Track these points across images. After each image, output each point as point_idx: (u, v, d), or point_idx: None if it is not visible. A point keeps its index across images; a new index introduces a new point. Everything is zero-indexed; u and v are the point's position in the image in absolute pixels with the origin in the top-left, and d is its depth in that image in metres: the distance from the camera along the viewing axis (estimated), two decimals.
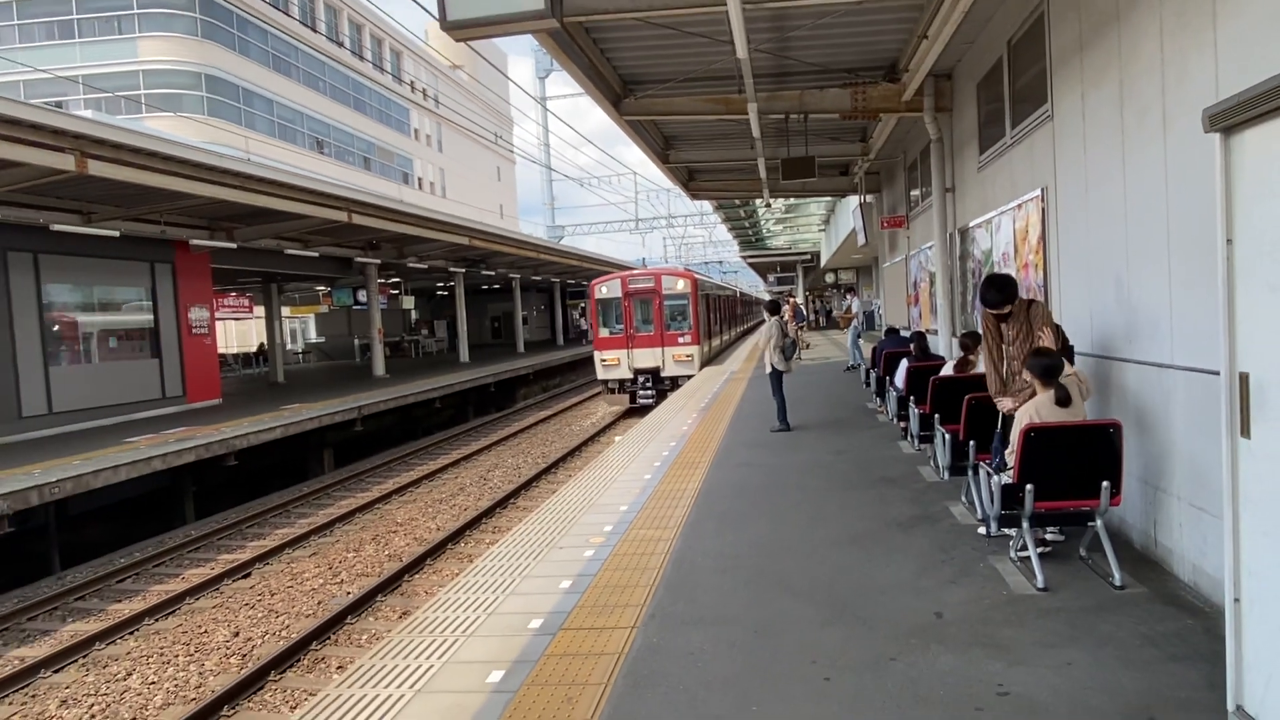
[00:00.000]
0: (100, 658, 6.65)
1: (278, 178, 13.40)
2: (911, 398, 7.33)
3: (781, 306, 10.92)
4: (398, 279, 30.35)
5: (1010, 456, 4.30)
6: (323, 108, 42.73)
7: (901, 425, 8.27)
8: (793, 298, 31.67)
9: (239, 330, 41.54)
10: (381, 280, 25.87)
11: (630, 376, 19.68)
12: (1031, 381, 4.39)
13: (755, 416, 10.68)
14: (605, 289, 20.19)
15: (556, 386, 29.15)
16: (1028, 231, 6.38)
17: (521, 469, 13.92)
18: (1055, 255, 5.80)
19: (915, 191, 12.31)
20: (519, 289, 33.58)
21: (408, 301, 35.47)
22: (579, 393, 25.75)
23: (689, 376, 18.74)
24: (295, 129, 40.53)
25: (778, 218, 28.89)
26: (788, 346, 9.77)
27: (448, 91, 52.30)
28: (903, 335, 11.60)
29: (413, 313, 39.40)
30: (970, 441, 5.20)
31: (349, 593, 7.91)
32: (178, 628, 7.22)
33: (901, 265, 14.06)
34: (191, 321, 15.93)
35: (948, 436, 5.75)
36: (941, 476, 6.40)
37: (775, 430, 9.40)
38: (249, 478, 12.97)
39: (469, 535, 9.86)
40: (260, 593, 8.03)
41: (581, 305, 41.03)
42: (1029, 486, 4.06)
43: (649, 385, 19.53)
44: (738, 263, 51.70)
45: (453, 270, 25.95)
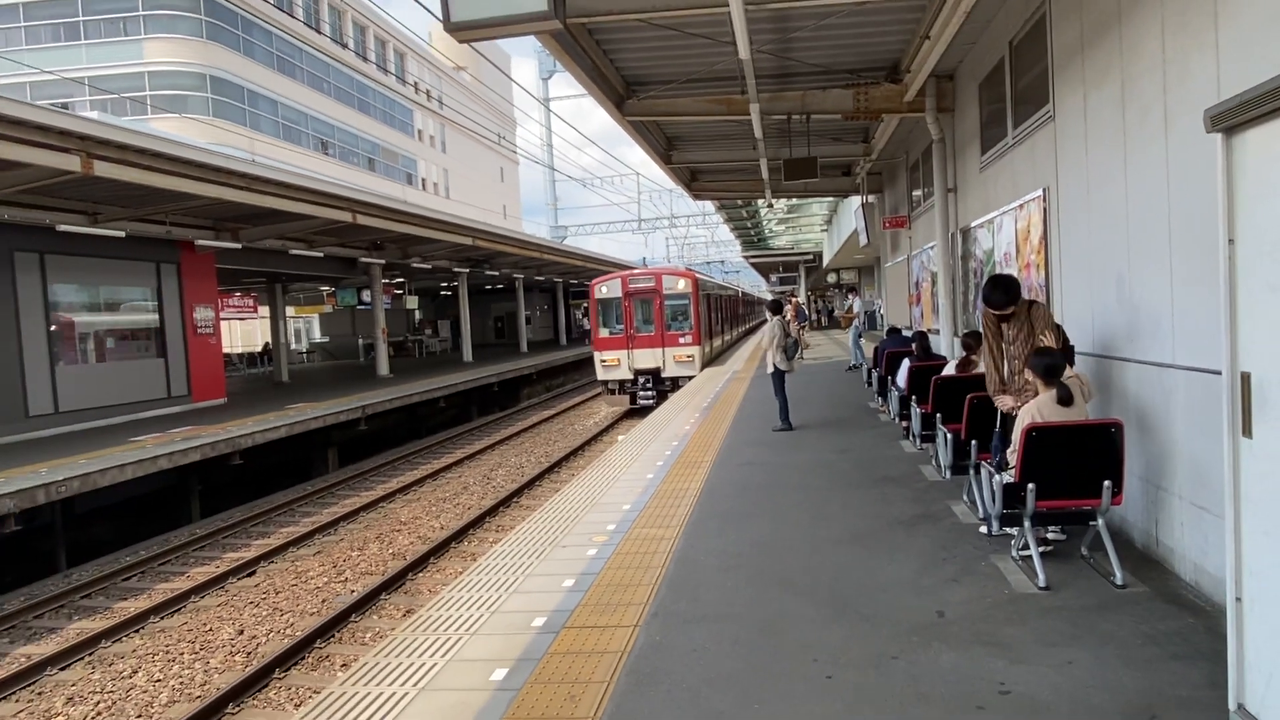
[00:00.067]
0: (106, 655, 6.69)
1: (282, 178, 13.45)
2: (913, 397, 7.34)
3: (784, 306, 10.94)
4: (402, 279, 30.41)
5: (1011, 456, 4.31)
6: (327, 109, 42.85)
7: (903, 424, 8.28)
8: (795, 297, 31.69)
9: (244, 330, 41.68)
10: (386, 280, 25.92)
11: (630, 377, 19.47)
12: (1033, 381, 4.40)
13: (757, 416, 10.69)
14: (605, 289, 19.96)
15: (559, 386, 29.18)
16: (1029, 231, 6.38)
17: (525, 468, 13.94)
18: (1057, 255, 5.80)
19: (917, 192, 12.30)
20: (522, 289, 33.62)
21: (412, 301, 35.51)
22: (582, 392, 25.76)
23: (690, 377, 18.61)
24: (300, 130, 40.66)
25: (780, 218, 28.86)
26: (790, 346, 9.77)
27: (451, 93, 52.40)
28: (905, 335, 11.60)
29: (417, 313, 39.45)
30: (972, 441, 5.21)
31: (353, 591, 7.94)
32: (183, 626, 7.25)
33: (903, 265, 14.06)
34: (197, 321, 16.00)
35: (949, 436, 5.76)
36: (943, 476, 6.42)
37: (777, 430, 9.41)
38: (254, 477, 13.02)
39: (472, 534, 9.89)
40: (265, 591, 8.07)
41: (584, 305, 41.03)
42: (1030, 486, 4.06)
43: (649, 386, 19.33)
44: (740, 263, 51.67)
45: (456, 270, 26.01)
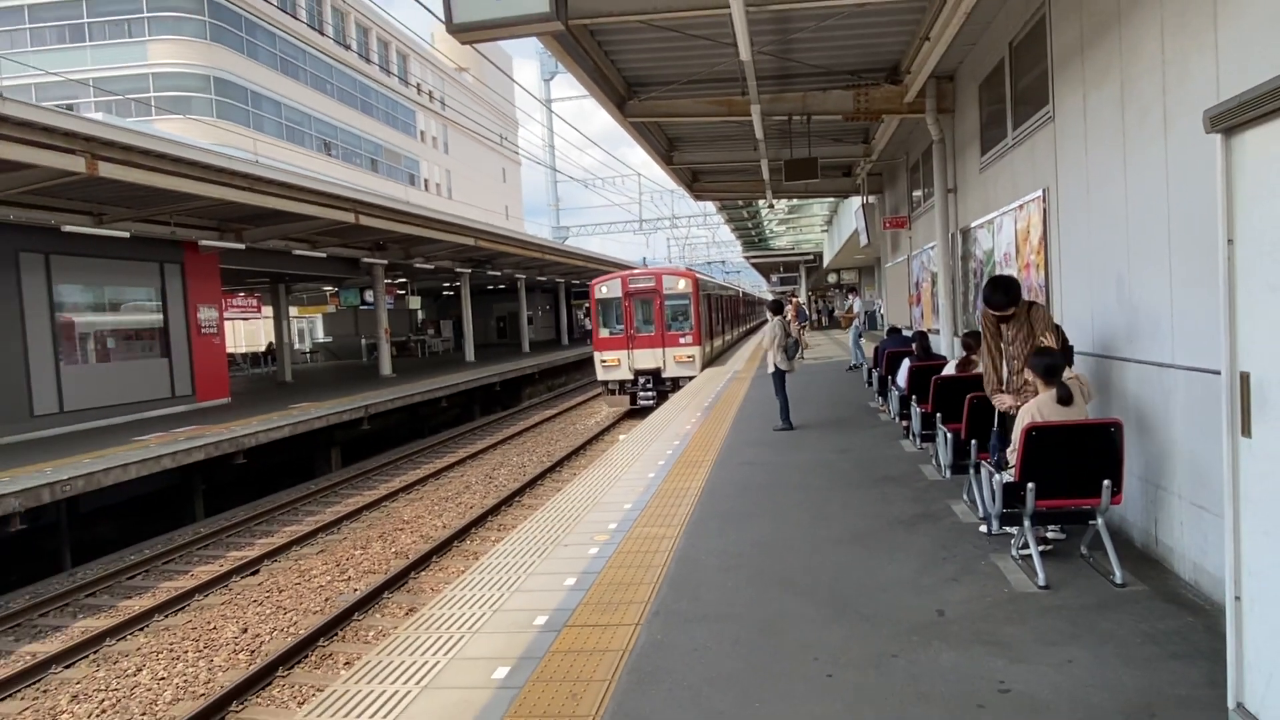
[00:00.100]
0: (111, 653, 6.72)
1: (286, 179, 13.49)
2: (914, 397, 7.36)
3: (784, 306, 10.95)
4: (404, 279, 30.48)
5: (1011, 455, 4.33)
6: (330, 110, 42.94)
7: (903, 424, 8.29)
8: (795, 298, 31.67)
9: (247, 330, 41.79)
10: (388, 281, 25.93)
11: (630, 378, 19.40)
12: (1033, 380, 4.42)
13: (758, 416, 10.70)
14: (605, 289, 19.89)
15: (561, 386, 29.21)
16: (1029, 232, 6.39)
17: (527, 467, 13.96)
18: (1056, 255, 5.81)
19: (917, 192, 12.31)
20: (524, 289, 33.65)
21: (414, 302, 35.60)
22: (583, 392, 25.78)
23: (690, 378, 18.56)
24: (303, 131, 40.74)
25: (781, 218, 28.85)
26: (790, 346, 9.79)
27: (454, 94, 52.46)
28: (905, 335, 11.61)
29: (419, 313, 39.51)
30: (972, 440, 5.22)
31: (356, 590, 7.96)
32: (187, 624, 7.28)
33: (904, 265, 14.07)
34: (200, 321, 16.05)
35: (949, 435, 5.77)
36: (943, 475, 6.43)
37: (778, 429, 9.43)
38: (258, 476, 13.05)
39: (475, 533, 9.92)
40: (268, 590, 8.10)
41: (586, 305, 41.06)
42: (1030, 485, 4.07)
43: (649, 386, 19.26)
44: (741, 263, 51.65)
45: (459, 271, 26.05)
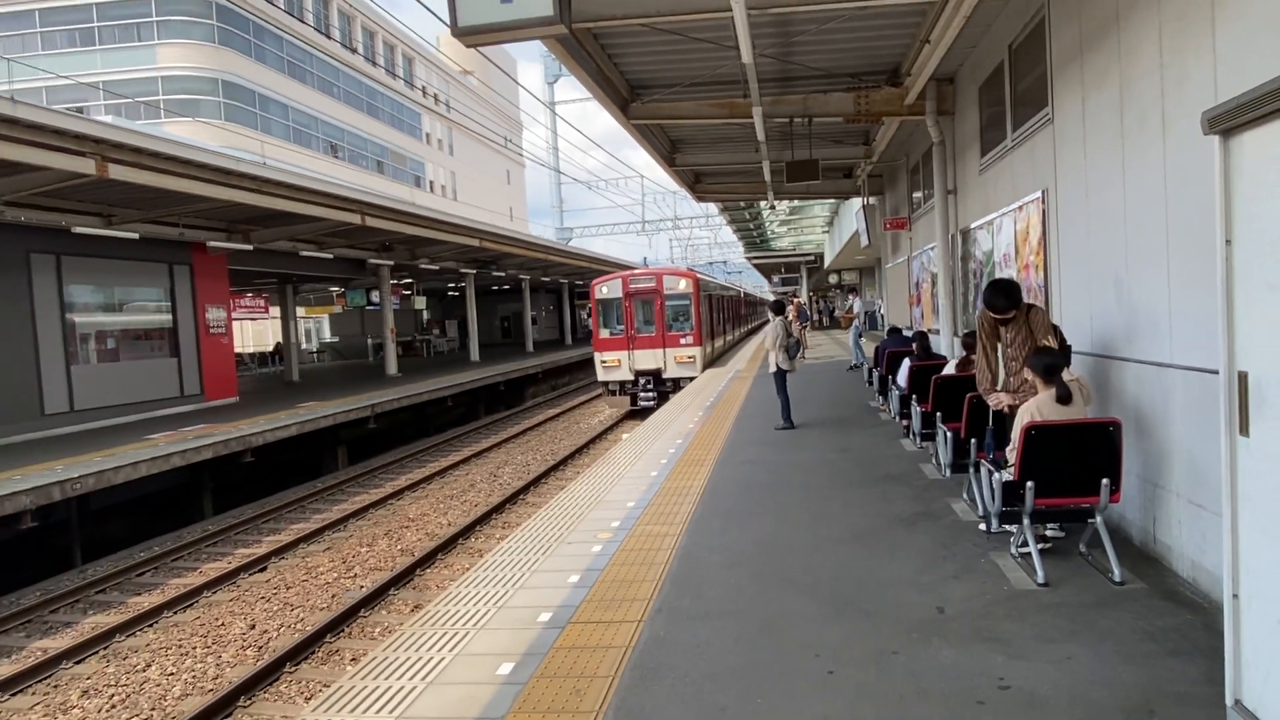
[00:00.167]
0: (120, 649, 6.79)
1: (293, 181, 13.57)
2: (914, 396, 7.39)
3: (786, 307, 10.99)
4: (410, 280, 30.58)
5: (1011, 454, 4.36)
6: (337, 113, 43.11)
7: (904, 423, 8.31)
8: (797, 298, 31.69)
9: (255, 330, 41.92)
10: (394, 281, 26.06)
11: (631, 378, 19.27)
12: (1033, 380, 4.45)
13: (759, 415, 10.72)
14: (606, 289, 19.76)
15: (565, 385, 29.25)
16: (1028, 233, 6.42)
17: (531, 466, 14.01)
18: (1056, 256, 5.83)
19: (917, 193, 12.32)
20: (528, 290, 33.70)
21: (420, 302, 35.68)
22: (586, 391, 25.79)
23: (691, 378, 18.44)
24: (310, 134, 40.92)
25: (782, 219, 28.86)
26: (792, 346, 9.83)
27: (459, 97, 52.59)
28: (905, 335, 11.62)
29: (424, 313, 39.61)
30: (972, 439, 5.23)
31: (362, 586, 8.02)
32: (196, 620, 7.35)
33: (904, 266, 14.08)
34: (209, 321, 16.15)
35: (949, 434, 5.79)
36: (943, 474, 6.45)
37: (779, 428, 9.46)
38: (265, 474, 13.14)
39: (480, 530, 9.98)
40: (276, 586, 8.16)
41: (588, 306, 41.12)
42: (1030, 484, 4.10)
43: (650, 387, 19.14)
44: (742, 263, 51.64)
45: (464, 271, 26.13)
